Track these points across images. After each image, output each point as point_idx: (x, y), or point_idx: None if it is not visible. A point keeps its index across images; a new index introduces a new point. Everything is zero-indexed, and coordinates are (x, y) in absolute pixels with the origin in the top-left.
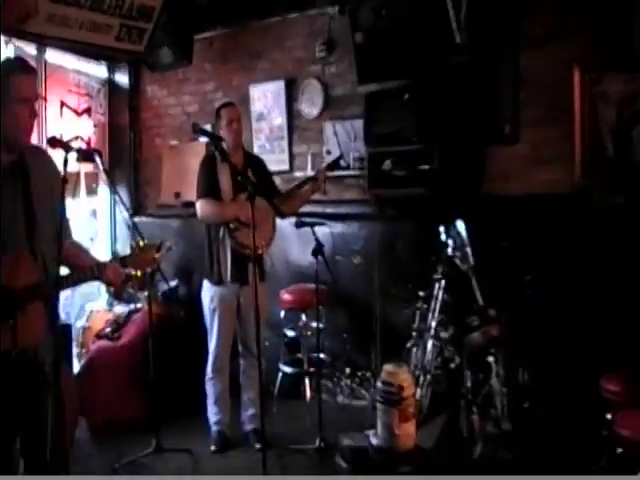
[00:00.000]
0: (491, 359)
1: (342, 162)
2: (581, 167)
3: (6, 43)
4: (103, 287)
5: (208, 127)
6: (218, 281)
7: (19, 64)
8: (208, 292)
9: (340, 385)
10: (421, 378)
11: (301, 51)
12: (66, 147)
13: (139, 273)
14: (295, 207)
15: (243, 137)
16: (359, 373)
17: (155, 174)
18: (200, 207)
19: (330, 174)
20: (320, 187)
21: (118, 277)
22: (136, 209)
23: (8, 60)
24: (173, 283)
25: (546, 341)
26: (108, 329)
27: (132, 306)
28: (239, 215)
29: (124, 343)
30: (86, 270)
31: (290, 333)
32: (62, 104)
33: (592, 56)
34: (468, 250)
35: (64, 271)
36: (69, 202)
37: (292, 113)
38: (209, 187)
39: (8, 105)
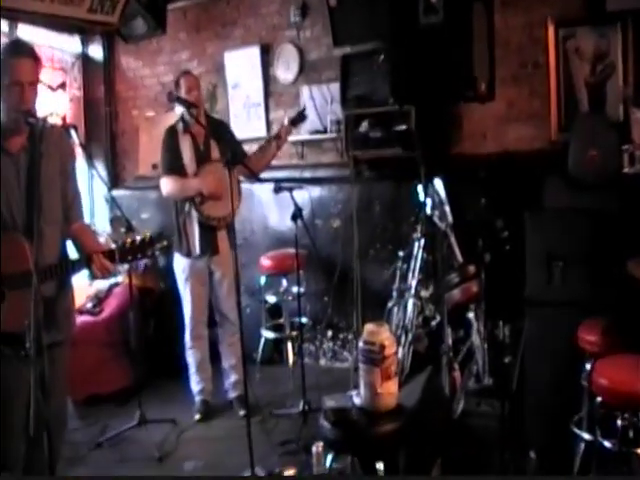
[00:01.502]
0: (471, 316)
1: (303, 115)
2: (557, 123)
3: None
4: None
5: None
6: (187, 253)
7: (15, 47)
8: (179, 264)
9: (322, 348)
10: (402, 337)
11: (275, 17)
12: (43, 125)
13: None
14: (262, 166)
15: (220, 105)
16: (341, 335)
17: (132, 146)
18: (163, 185)
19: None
20: (283, 143)
21: (105, 272)
22: (114, 182)
23: (8, 43)
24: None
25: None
26: (89, 304)
27: (113, 280)
28: (201, 189)
29: (106, 317)
30: (71, 263)
31: (271, 298)
32: None
33: (565, 12)
34: (446, 208)
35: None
36: None
37: (268, 79)
38: (171, 163)
39: (4, 87)
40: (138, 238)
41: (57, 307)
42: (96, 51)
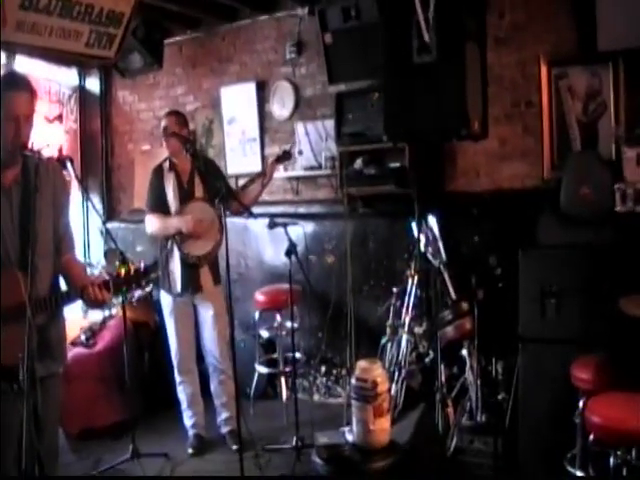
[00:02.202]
0: (465, 352)
1: (288, 154)
2: (550, 161)
3: None
4: None
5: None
6: (170, 290)
7: (11, 80)
8: (164, 300)
9: (316, 384)
10: (396, 373)
11: (271, 53)
12: (38, 159)
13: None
14: (248, 203)
15: (216, 140)
16: (334, 371)
17: (128, 179)
18: (147, 222)
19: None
20: (268, 181)
21: (99, 301)
22: (109, 215)
23: (4, 76)
24: (147, 288)
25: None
26: (83, 336)
27: (107, 312)
28: (181, 228)
29: (99, 350)
30: (64, 294)
31: (265, 333)
32: None
33: (557, 52)
34: (440, 245)
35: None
36: None
37: (263, 115)
38: (154, 201)
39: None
40: (132, 268)
41: (49, 339)
42: (93, 84)
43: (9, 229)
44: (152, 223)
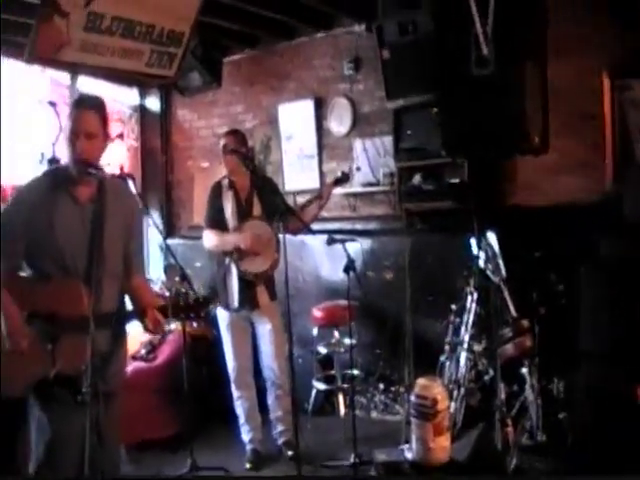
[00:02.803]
0: (525, 370)
1: (347, 177)
2: (612, 174)
3: (41, 72)
4: None
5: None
6: (226, 306)
7: (79, 99)
8: (221, 315)
9: (374, 400)
10: (455, 392)
11: (328, 70)
12: (101, 176)
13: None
14: (304, 224)
15: (274, 156)
16: (392, 388)
17: (187, 196)
18: (205, 238)
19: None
20: (325, 203)
21: (157, 326)
22: (169, 231)
23: (76, 96)
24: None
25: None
26: (143, 350)
27: (166, 327)
28: (239, 244)
29: (159, 364)
30: (127, 313)
31: (323, 350)
32: None
33: (620, 63)
34: (500, 261)
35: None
36: None
37: (321, 132)
38: (213, 218)
39: (67, 137)
40: (192, 296)
41: (112, 357)
42: (153, 103)
43: (80, 245)
44: (210, 239)
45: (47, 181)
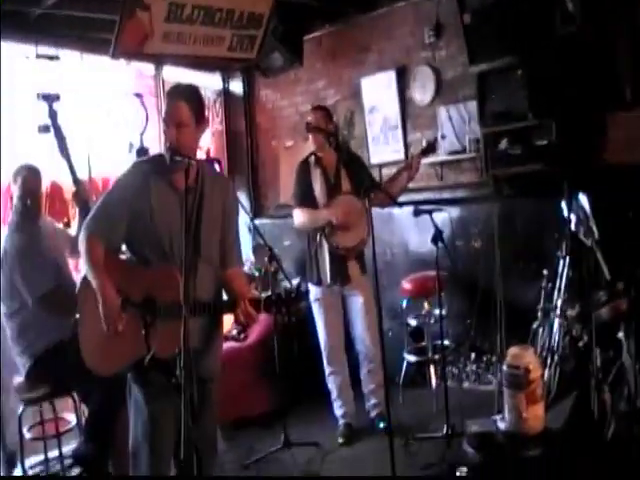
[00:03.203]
0: (621, 335)
1: (435, 145)
2: None
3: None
4: None
5: None
6: (318, 282)
7: (170, 90)
8: (312, 292)
9: (465, 371)
10: (548, 359)
11: (409, 39)
12: (188, 162)
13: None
14: (392, 196)
15: (358, 130)
16: (484, 357)
17: (273, 176)
18: (295, 216)
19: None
20: (414, 174)
21: (249, 319)
22: (256, 211)
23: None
24: (295, 281)
25: None
26: (235, 330)
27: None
28: (331, 219)
29: (250, 343)
30: (217, 304)
31: (413, 322)
32: None
33: None
34: (592, 224)
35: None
36: None
37: (404, 101)
38: (302, 195)
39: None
40: (284, 290)
41: (207, 344)
42: (236, 86)
43: (178, 231)
44: (300, 216)
45: (146, 168)
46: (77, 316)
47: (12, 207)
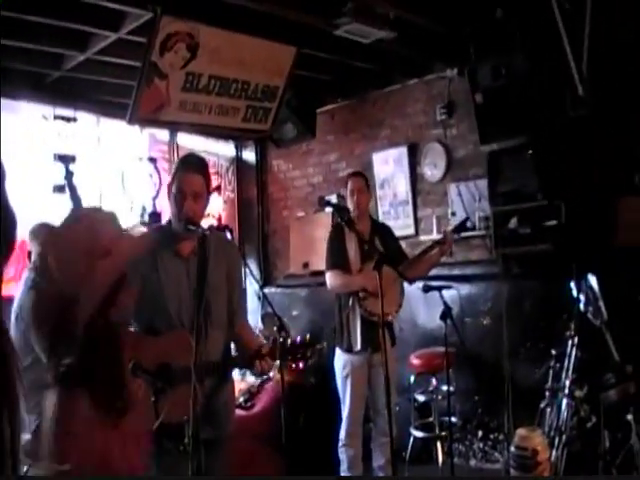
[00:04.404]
0: (630, 417)
1: (469, 223)
2: None
3: (140, 130)
4: None
5: (333, 198)
6: (348, 348)
7: (183, 160)
8: (340, 360)
9: (472, 448)
10: (556, 439)
11: (421, 116)
12: (202, 232)
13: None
14: (423, 271)
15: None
16: (491, 435)
17: (283, 245)
18: (329, 278)
19: (458, 235)
20: (448, 250)
21: (267, 369)
22: (266, 280)
23: (181, 157)
24: (310, 361)
25: None
26: (241, 398)
27: (264, 375)
28: (366, 285)
29: (257, 412)
30: (240, 358)
31: (420, 397)
32: None
33: None
34: (601, 304)
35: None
36: None
37: (415, 177)
38: (337, 258)
39: (172, 196)
40: (298, 339)
41: (217, 403)
42: (249, 155)
43: (186, 297)
44: (335, 279)
45: (152, 236)
46: None
47: (29, 264)
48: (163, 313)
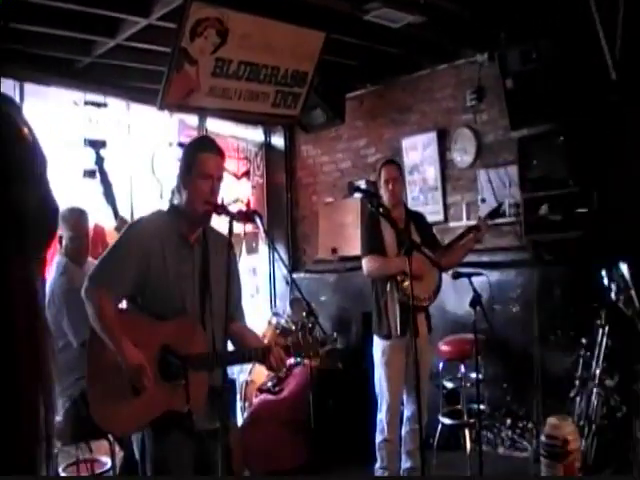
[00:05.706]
0: None
1: (502, 209)
2: None
3: (170, 115)
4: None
5: (362, 183)
6: (387, 334)
7: (206, 143)
8: (378, 347)
9: (500, 436)
10: (586, 428)
11: (451, 101)
12: (231, 215)
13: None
14: (457, 258)
15: None
16: (520, 424)
17: (312, 231)
18: (366, 263)
19: (488, 222)
20: (482, 236)
21: (281, 364)
22: (294, 265)
23: (197, 139)
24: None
25: None
26: (270, 383)
27: (292, 360)
28: (405, 268)
29: (285, 396)
30: (251, 352)
31: (449, 384)
32: None
33: None
34: (632, 294)
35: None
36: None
37: (445, 163)
38: (373, 243)
39: (192, 180)
40: (311, 338)
41: (223, 393)
42: (278, 140)
43: (190, 285)
44: (371, 263)
45: (164, 219)
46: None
47: (60, 249)
48: (168, 298)
